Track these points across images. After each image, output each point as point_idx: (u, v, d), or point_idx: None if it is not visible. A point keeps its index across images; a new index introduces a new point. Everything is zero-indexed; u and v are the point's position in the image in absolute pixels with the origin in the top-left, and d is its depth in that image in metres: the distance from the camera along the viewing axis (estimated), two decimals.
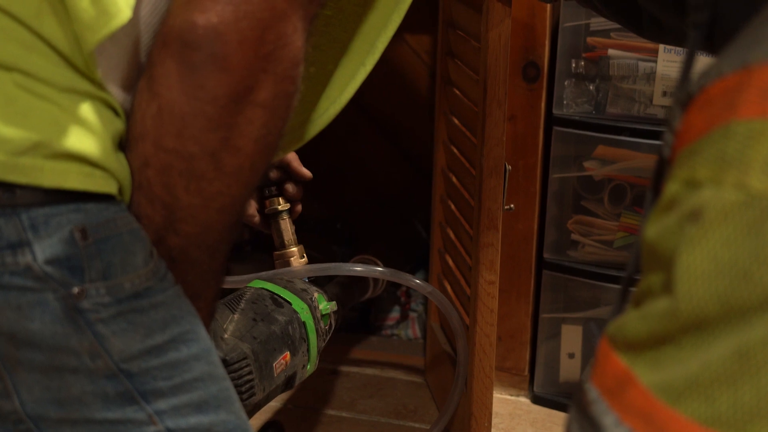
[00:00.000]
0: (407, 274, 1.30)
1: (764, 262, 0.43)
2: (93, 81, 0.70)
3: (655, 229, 0.48)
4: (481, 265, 1.39)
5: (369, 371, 1.93)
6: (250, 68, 0.67)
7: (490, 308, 1.40)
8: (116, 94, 0.72)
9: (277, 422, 1.17)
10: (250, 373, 0.94)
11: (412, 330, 2.04)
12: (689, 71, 0.54)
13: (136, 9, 0.70)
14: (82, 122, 0.68)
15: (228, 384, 0.75)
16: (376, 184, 2.12)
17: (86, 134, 0.68)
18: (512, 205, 1.44)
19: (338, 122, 2.22)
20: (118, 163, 0.70)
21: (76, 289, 0.67)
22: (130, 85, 0.73)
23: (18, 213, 0.66)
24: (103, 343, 0.68)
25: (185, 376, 0.72)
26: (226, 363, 0.92)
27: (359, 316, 2.06)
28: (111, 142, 0.70)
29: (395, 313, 2.06)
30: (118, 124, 0.72)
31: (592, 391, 0.49)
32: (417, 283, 1.32)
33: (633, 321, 0.48)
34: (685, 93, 0.50)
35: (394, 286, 2.03)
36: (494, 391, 1.46)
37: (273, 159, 0.75)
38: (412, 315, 2.05)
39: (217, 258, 0.75)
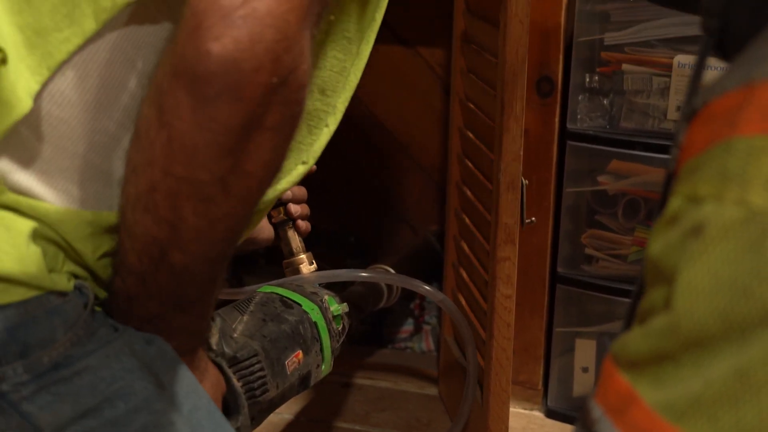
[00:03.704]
0: (417, 280, 1.30)
1: (765, 279, 0.43)
2: None
3: (658, 244, 0.48)
4: (497, 280, 1.39)
5: (382, 384, 1.92)
6: (263, 96, 0.65)
7: (506, 322, 1.40)
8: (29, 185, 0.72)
9: None
10: (261, 369, 0.96)
11: (425, 343, 2.04)
12: (697, 84, 0.54)
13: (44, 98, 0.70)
14: None
15: (180, 425, 0.74)
16: (390, 197, 2.13)
17: None
18: (534, 218, 1.44)
19: (351, 135, 2.22)
20: (24, 273, 0.69)
21: None
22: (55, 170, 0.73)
23: None
24: (31, 421, 0.68)
25: (128, 430, 0.71)
26: (236, 360, 0.93)
27: (372, 328, 2.06)
28: (12, 258, 0.69)
29: (409, 326, 2.06)
30: (22, 225, 0.71)
31: (597, 410, 0.49)
32: (428, 289, 1.32)
33: (635, 338, 0.48)
34: (690, 107, 0.50)
35: (407, 298, 2.03)
36: None
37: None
38: (426, 327, 2.05)
39: (217, 268, 0.75)
